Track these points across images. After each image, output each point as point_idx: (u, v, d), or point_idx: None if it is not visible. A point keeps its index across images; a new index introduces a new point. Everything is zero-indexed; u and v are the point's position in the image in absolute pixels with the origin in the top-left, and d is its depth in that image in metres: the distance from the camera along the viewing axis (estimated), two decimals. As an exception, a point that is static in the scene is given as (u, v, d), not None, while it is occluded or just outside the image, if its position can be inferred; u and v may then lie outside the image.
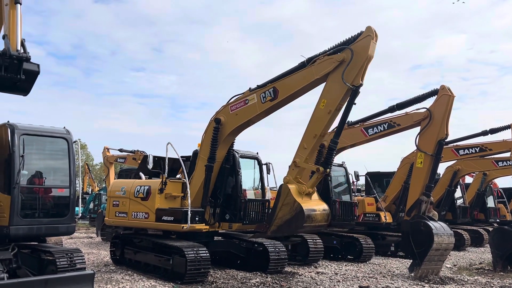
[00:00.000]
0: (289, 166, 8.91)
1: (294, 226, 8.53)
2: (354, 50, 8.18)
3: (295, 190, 8.58)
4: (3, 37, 5.74)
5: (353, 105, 8.35)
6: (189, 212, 9.81)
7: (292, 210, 8.40)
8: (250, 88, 9.92)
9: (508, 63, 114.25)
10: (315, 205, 8.75)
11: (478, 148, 17.02)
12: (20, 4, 5.91)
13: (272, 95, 9.41)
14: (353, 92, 8.20)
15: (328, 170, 8.70)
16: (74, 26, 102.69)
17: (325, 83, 8.67)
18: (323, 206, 8.98)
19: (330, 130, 9.51)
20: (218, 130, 10.20)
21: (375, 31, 8.25)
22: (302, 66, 9.10)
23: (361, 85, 8.20)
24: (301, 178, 8.95)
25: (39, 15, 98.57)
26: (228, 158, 10.78)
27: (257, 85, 9.80)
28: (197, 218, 10.17)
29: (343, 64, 8.28)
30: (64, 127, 8.67)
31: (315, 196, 8.98)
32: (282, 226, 8.61)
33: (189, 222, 9.80)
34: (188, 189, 10.03)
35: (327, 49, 8.74)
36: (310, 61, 8.91)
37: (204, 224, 10.38)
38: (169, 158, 10.58)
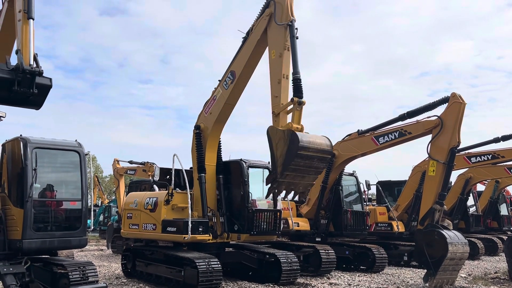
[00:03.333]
0: (272, 119, 8.85)
1: (294, 151, 7.99)
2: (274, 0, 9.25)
3: (283, 127, 8.41)
4: (16, 52, 5.81)
5: (296, 39, 8.71)
6: (189, 223, 9.82)
7: (285, 139, 8.14)
8: (215, 88, 10.84)
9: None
10: (311, 135, 8.41)
11: (490, 155, 16.86)
12: (33, 19, 6.00)
13: (231, 77, 10.38)
14: (291, 28, 8.79)
15: (303, 99, 8.39)
16: (81, 39, 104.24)
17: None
18: (321, 136, 8.63)
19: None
20: (200, 136, 10.92)
21: None
22: (245, 40, 10.16)
23: (293, 20, 8.86)
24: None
25: (46, 29, 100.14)
26: (235, 170, 10.89)
27: (219, 80, 10.78)
28: (200, 229, 10.16)
29: (272, 16, 9.25)
30: (76, 140, 8.72)
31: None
32: (285, 161, 8.13)
33: (189, 232, 9.80)
34: (189, 200, 10.10)
35: (258, 15, 9.84)
36: (249, 33, 10.07)
37: (208, 235, 10.36)
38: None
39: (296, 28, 8.85)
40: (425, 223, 11.29)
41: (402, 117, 12.42)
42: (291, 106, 8.48)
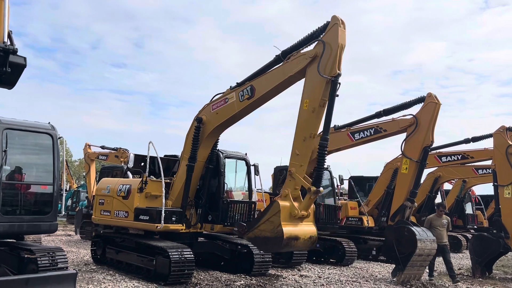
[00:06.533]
0: (287, 177, 8.30)
1: (270, 246, 8.00)
2: (325, 41, 7.91)
3: (286, 211, 7.81)
4: (-11, 29, 5.56)
5: (336, 97, 7.86)
6: (162, 212, 9.69)
7: (273, 231, 7.70)
8: (231, 86, 9.97)
9: (486, 72, 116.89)
10: (301, 232, 7.94)
11: (460, 155, 17.32)
12: (8, -4, 5.74)
13: (250, 93, 9.42)
14: (333, 84, 7.76)
15: (321, 189, 7.98)
16: (52, 18, 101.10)
17: (304, 81, 8.27)
18: (311, 232, 8.13)
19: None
20: (199, 129, 10.26)
21: (341, 19, 7.94)
22: (277, 60, 9.08)
23: (339, 75, 7.79)
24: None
25: (16, 5, 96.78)
26: (211, 158, 10.72)
27: (237, 83, 9.87)
28: (173, 218, 10.06)
29: (316, 58, 8.02)
30: (49, 123, 8.44)
31: (309, 219, 8.15)
32: (259, 239, 7.99)
33: (162, 222, 9.67)
34: (163, 188, 9.92)
35: (298, 41, 8.58)
36: (284, 54, 8.83)
37: (181, 225, 10.26)
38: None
39: (339, 83, 7.84)
40: (396, 219, 11.54)
41: (378, 115, 12.59)
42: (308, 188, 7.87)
